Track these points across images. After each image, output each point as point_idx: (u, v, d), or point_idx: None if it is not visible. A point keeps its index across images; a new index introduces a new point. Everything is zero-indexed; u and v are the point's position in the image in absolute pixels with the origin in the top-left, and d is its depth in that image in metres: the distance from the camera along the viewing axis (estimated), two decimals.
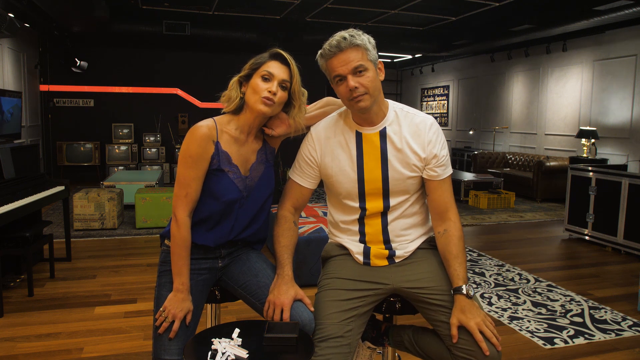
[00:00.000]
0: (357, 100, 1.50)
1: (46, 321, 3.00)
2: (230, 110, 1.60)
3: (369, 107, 1.53)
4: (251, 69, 1.57)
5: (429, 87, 12.02)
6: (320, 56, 1.53)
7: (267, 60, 1.55)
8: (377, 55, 1.54)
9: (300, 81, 1.59)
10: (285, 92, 1.55)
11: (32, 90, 8.12)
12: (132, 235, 5.23)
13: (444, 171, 1.61)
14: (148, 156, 9.00)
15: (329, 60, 1.50)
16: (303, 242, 3.53)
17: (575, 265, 4.35)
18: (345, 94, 1.51)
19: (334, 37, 1.49)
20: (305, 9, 6.95)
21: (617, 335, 2.89)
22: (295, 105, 1.60)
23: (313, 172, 1.67)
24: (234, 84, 1.59)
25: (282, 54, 1.56)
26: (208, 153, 1.53)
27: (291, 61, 1.56)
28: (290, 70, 1.56)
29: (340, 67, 1.48)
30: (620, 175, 4.61)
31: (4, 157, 3.45)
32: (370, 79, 1.49)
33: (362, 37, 1.50)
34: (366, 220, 1.63)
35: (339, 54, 1.48)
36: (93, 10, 6.21)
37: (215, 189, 1.55)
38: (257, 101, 1.52)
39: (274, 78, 1.53)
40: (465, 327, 1.45)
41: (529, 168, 8.06)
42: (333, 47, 1.48)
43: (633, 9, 5.55)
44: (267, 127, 1.64)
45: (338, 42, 1.47)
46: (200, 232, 1.59)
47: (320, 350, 1.48)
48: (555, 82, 8.12)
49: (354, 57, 1.47)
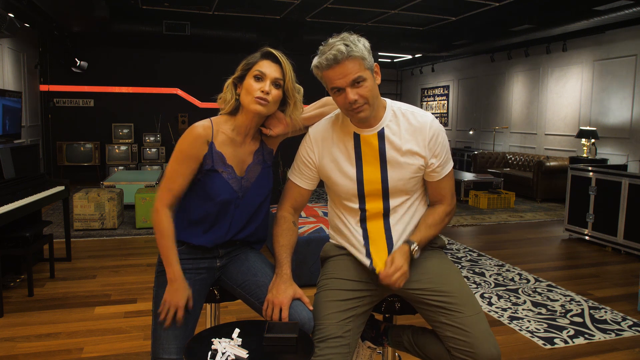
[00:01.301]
0: (358, 111, 1.49)
1: (46, 321, 3.00)
2: (226, 112, 1.60)
3: (370, 116, 1.52)
4: (244, 69, 1.57)
5: (429, 87, 12.02)
6: (316, 67, 1.51)
7: (259, 60, 1.55)
8: (373, 61, 1.51)
9: (295, 78, 1.58)
10: (279, 90, 1.54)
11: (32, 90, 8.12)
12: (132, 235, 5.23)
13: (444, 170, 1.61)
14: (148, 156, 9.00)
15: (325, 72, 1.48)
16: (303, 242, 3.53)
17: (575, 265, 4.35)
18: (344, 105, 1.50)
19: (330, 49, 1.45)
20: (305, 9, 6.95)
21: (617, 335, 2.89)
22: (290, 103, 1.58)
23: (311, 173, 1.67)
24: (228, 85, 1.59)
25: (273, 52, 1.55)
26: (200, 153, 1.54)
27: (282, 59, 1.55)
28: (282, 68, 1.54)
29: (338, 80, 1.46)
30: (620, 175, 4.61)
31: (4, 157, 3.45)
32: (369, 88, 1.48)
33: (358, 47, 1.46)
34: (368, 223, 1.61)
35: (335, 66, 1.45)
36: (93, 10, 6.21)
37: (209, 189, 1.55)
38: (251, 101, 1.52)
39: (266, 77, 1.52)
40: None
41: (529, 168, 8.06)
42: (330, 60, 1.45)
43: (633, 9, 5.55)
44: (264, 127, 1.64)
45: (335, 56, 1.43)
46: (196, 233, 1.59)
47: (320, 350, 1.48)
48: (555, 82, 8.12)
49: (351, 69, 1.45)
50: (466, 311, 1.50)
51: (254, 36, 7.60)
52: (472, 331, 1.47)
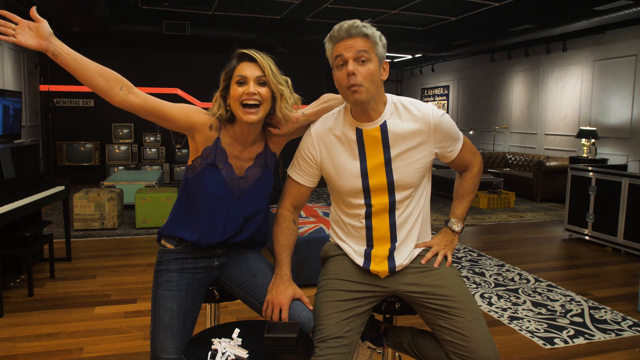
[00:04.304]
0: (353, 90, 1.47)
1: (46, 321, 3.00)
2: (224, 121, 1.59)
3: (365, 101, 1.50)
4: (226, 79, 1.55)
5: (429, 87, 12.02)
6: (329, 39, 1.52)
7: (236, 65, 1.53)
8: (384, 54, 1.54)
9: (276, 70, 1.55)
10: (265, 87, 1.52)
11: (32, 90, 8.12)
12: (132, 235, 5.23)
13: (456, 147, 1.65)
14: (148, 156, 9.00)
15: (336, 44, 1.50)
16: (303, 242, 3.53)
17: (575, 265, 4.35)
18: (343, 80, 1.49)
19: (347, 22, 1.49)
20: (305, 9, 6.95)
21: (617, 335, 2.89)
22: (277, 97, 1.55)
23: (312, 170, 1.66)
24: (217, 99, 1.58)
25: (247, 52, 1.53)
26: (195, 122, 1.55)
27: (257, 56, 1.52)
28: (260, 65, 1.52)
29: (344, 50, 1.48)
30: (620, 175, 4.61)
31: (4, 157, 3.45)
32: (371, 71, 1.48)
33: (374, 31, 1.50)
34: (373, 217, 1.59)
35: (347, 39, 1.48)
36: (93, 10, 6.21)
37: (205, 182, 1.55)
38: (242, 112, 1.50)
39: (248, 79, 1.50)
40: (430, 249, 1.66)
41: (529, 168, 8.06)
42: (342, 31, 1.48)
43: (633, 9, 5.55)
44: (271, 127, 1.63)
45: (349, 27, 1.47)
46: (190, 229, 1.58)
47: (320, 350, 1.48)
48: (555, 82, 8.12)
49: (360, 44, 1.47)
50: (466, 315, 1.50)
51: (254, 36, 7.60)
52: (472, 336, 1.47)
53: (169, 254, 1.62)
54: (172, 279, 1.59)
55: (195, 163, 1.58)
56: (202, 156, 1.56)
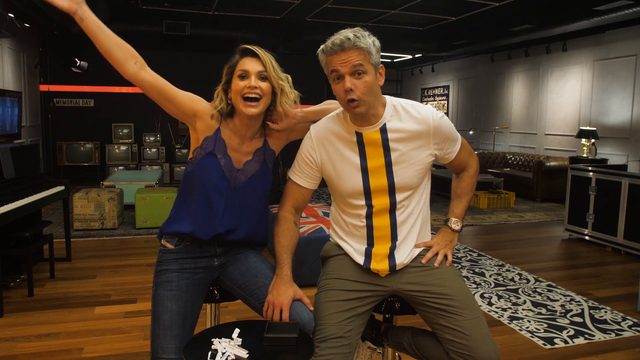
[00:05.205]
0: (353, 106, 1.49)
1: (46, 321, 3.00)
2: (224, 116, 1.61)
3: (364, 113, 1.52)
4: (228, 73, 1.58)
5: (429, 87, 12.02)
6: (322, 51, 1.52)
7: (239, 60, 1.57)
8: (379, 60, 1.53)
9: (278, 67, 1.59)
10: (266, 82, 1.55)
11: (32, 90, 8.12)
12: (132, 235, 5.23)
13: (454, 149, 1.66)
14: (148, 156, 9.00)
15: (330, 57, 1.50)
16: (303, 242, 3.53)
17: (575, 265, 4.35)
18: (341, 94, 1.50)
19: (339, 35, 1.47)
20: (305, 9, 6.95)
21: (617, 335, 2.89)
22: (277, 92, 1.58)
23: (313, 172, 1.66)
24: (219, 93, 1.60)
25: (250, 48, 1.57)
26: (204, 115, 1.58)
27: (259, 51, 1.56)
28: (262, 60, 1.55)
29: (340, 65, 1.47)
30: (620, 175, 4.61)
31: (4, 157, 3.45)
32: (368, 83, 1.48)
33: (366, 40, 1.48)
34: (374, 217, 1.60)
35: (340, 52, 1.47)
36: (93, 10, 6.16)
37: (203, 170, 1.57)
38: (243, 104, 1.53)
39: (250, 73, 1.53)
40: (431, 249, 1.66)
41: (529, 168, 8.06)
42: (336, 46, 1.46)
43: (633, 9, 5.55)
44: (270, 122, 1.64)
45: (342, 42, 1.45)
46: (186, 220, 1.59)
47: (321, 350, 1.48)
48: (555, 82, 8.12)
49: (355, 58, 1.46)
50: (466, 314, 1.50)
51: (254, 36, 7.59)
52: (472, 334, 1.47)
53: (169, 254, 1.62)
54: (172, 279, 1.59)
55: (195, 154, 1.59)
56: (202, 146, 1.58)
